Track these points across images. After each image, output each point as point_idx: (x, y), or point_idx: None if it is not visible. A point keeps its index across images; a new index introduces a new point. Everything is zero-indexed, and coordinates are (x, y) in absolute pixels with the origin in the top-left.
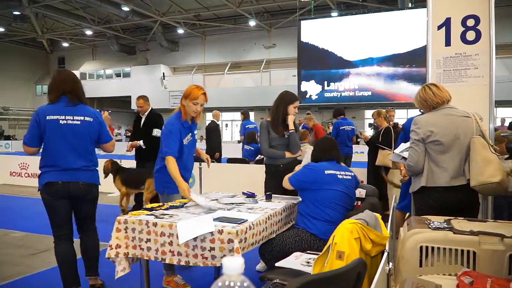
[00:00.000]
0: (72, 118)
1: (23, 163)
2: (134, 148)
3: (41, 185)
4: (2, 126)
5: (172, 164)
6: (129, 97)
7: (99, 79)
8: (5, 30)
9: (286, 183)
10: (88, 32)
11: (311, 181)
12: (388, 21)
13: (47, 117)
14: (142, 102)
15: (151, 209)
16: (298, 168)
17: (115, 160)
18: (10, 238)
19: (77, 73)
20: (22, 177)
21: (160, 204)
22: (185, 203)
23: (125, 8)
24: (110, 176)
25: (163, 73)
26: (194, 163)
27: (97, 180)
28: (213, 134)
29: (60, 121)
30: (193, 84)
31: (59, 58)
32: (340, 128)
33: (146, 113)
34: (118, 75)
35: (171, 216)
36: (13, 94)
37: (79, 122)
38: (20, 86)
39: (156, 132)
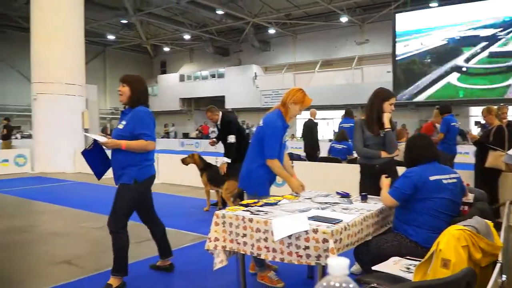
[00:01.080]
0: None
1: None
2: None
3: (143, 178)
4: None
5: (277, 165)
6: (223, 96)
7: (196, 80)
8: (115, 37)
9: (387, 200)
10: (186, 37)
11: (415, 191)
12: (494, 9)
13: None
14: (209, 115)
15: (246, 205)
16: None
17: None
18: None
19: (176, 75)
20: None
21: (255, 200)
22: (279, 201)
23: (220, 12)
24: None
25: (255, 73)
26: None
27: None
28: (313, 132)
29: None
30: (296, 87)
31: (161, 62)
32: (451, 124)
33: (218, 122)
34: (213, 76)
35: (266, 213)
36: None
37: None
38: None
39: (230, 139)
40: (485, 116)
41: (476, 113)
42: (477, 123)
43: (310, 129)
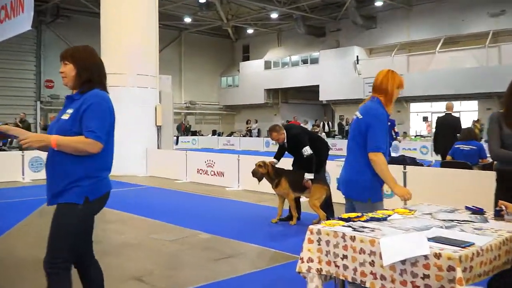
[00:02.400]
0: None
1: (209, 161)
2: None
3: (97, 196)
4: (190, 121)
5: (382, 161)
6: (317, 86)
7: (284, 67)
8: (191, 20)
9: None
10: (273, 15)
11: None
12: None
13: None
14: (275, 135)
15: (347, 220)
16: None
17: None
18: (198, 239)
19: (261, 62)
20: (208, 175)
21: (358, 214)
22: (388, 215)
23: None
24: None
25: (357, 56)
26: (397, 165)
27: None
28: (456, 129)
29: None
30: (386, 69)
31: (244, 46)
32: None
33: (285, 140)
34: (305, 61)
35: (372, 230)
36: (200, 87)
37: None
38: (206, 79)
39: (305, 151)
40: None
41: None
42: None
43: (449, 126)
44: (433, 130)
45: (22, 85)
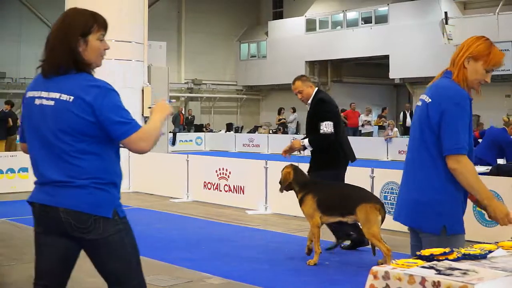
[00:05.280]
0: (47, 96)
1: (223, 170)
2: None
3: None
4: (192, 110)
5: (471, 170)
6: (386, 58)
7: (336, 28)
8: None
9: None
10: None
11: None
12: None
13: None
14: (299, 85)
15: (429, 258)
16: None
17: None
18: (205, 286)
19: (301, 20)
20: (220, 191)
21: (446, 250)
22: (489, 251)
23: None
24: None
25: (445, 13)
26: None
27: (90, 204)
28: None
29: (35, 101)
30: (480, 35)
31: None
32: None
33: (309, 101)
34: (367, 20)
35: (465, 273)
36: (208, 59)
37: (52, 103)
38: (217, 46)
39: (325, 127)
40: None
41: None
42: None
43: None
44: None
45: None
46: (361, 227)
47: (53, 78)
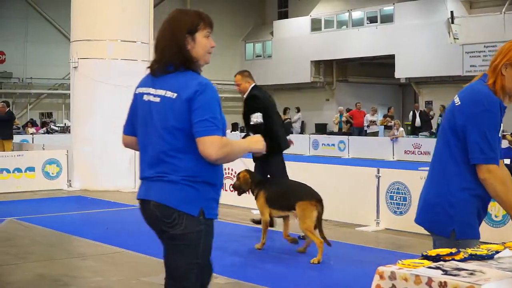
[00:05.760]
0: (154, 93)
1: (228, 170)
2: None
3: None
4: None
5: (500, 178)
6: (392, 57)
7: (342, 28)
8: None
9: None
10: None
11: None
12: None
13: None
14: (239, 79)
15: (436, 258)
16: None
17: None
18: (211, 285)
19: (306, 20)
20: (225, 190)
21: (452, 251)
22: (496, 251)
23: None
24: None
25: (451, 13)
26: None
27: (177, 199)
28: None
29: (144, 96)
30: None
31: None
32: None
33: (245, 95)
34: (373, 19)
35: (472, 273)
36: (213, 59)
37: (158, 99)
38: (222, 46)
39: (255, 118)
40: None
41: None
42: None
43: None
44: None
45: None
46: (299, 222)
47: (161, 76)
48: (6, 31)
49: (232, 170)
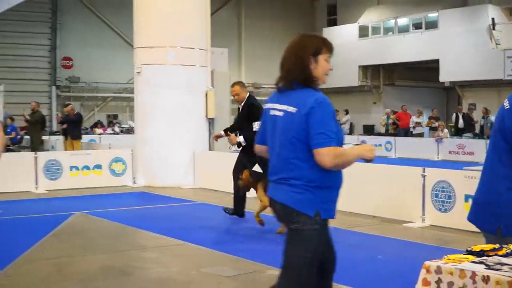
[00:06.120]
0: (279, 108)
1: None
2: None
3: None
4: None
5: None
6: (436, 62)
7: (388, 34)
8: None
9: None
10: None
11: None
12: None
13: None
14: (237, 89)
15: (480, 253)
16: None
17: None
18: (266, 277)
19: (354, 27)
20: None
21: (496, 246)
22: None
23: None
24: None
25: (492, 19)
26: None
27: (297, 201)
28: None
29: (270, 111)
30: None
31: (329, 5)
32: None
33: (242, 103)
34: (417, 26)
35: None
36: (266, 64)
37: (282, 114)
38: (275, 52)
39: (257, 126)
40: None
41: None
42: None
43: None
44: None
45: (33, 65)
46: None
47: (285, 92)
48: (74, 39)
49: None
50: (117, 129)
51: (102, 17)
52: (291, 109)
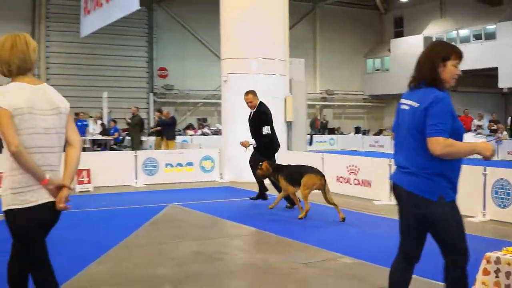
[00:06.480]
0: (406, 102)
1: (352, 166)
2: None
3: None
4: (326, 116)
5: None
6: (495, 69)
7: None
8: None
9: None
10: None
11: None
12: None
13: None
14: (251, 97)
15: None
16: None
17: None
18: (338, 264)
19: (419, 38)
20: (350, 184)
21: None
22: None
23: None
24: None
25: None
26: None
27: (420, 188)
28: None
29: (401, 106)
30: None
31: (396, 19)
32: None
33: (254, 109)
34: (477, 37)
35: None
36: (339, 73)
37: (407, 108)
38: (347, 61)
39: (265, 130)
40: None
41: None
42: None
43: None
44: None
45: (133, 75)
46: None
47: (414, 90)
48: (168, 52)
49: (355, 166)
50: (207, 130)
51: (193, 32)
52: (415, 104)
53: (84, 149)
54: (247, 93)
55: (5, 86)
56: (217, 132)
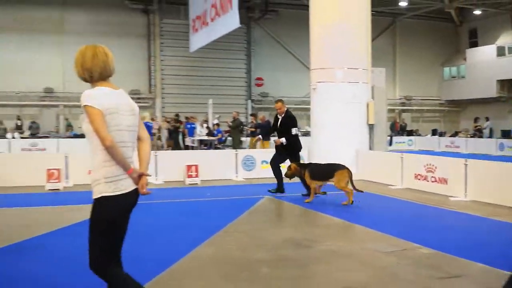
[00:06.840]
0: None
1: (430, 165)
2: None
3: None
4: (405, 119)
5: None
6: None
7: None
8: (407, 3)
9: None
10: None
11: None
12: None
13: None
14: (280, 105)
15: None
16: None
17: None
18: (418, 254)
19: (492, 48)
20: (427, 181)
21: None
22: None
23: None
24: None
25: None
26: None
27: None
28: None
29: None
30: None
31: (470, 30)
32: None
33: (283, 114)
34: None
35: None
36: (417, 80)
37: None
38: (424, 70)
39: (295, 131)
40: None
41: None
42: None
43: None
44: None
45: (234, 84)
46: (334, 183)
47: None
48: (264, 64)
49: (432, 165)
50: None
51: (286, 46)
52: None
53: (192, 148)
54: (277, 101)
55: (93, 89)
56: (306, 134)
